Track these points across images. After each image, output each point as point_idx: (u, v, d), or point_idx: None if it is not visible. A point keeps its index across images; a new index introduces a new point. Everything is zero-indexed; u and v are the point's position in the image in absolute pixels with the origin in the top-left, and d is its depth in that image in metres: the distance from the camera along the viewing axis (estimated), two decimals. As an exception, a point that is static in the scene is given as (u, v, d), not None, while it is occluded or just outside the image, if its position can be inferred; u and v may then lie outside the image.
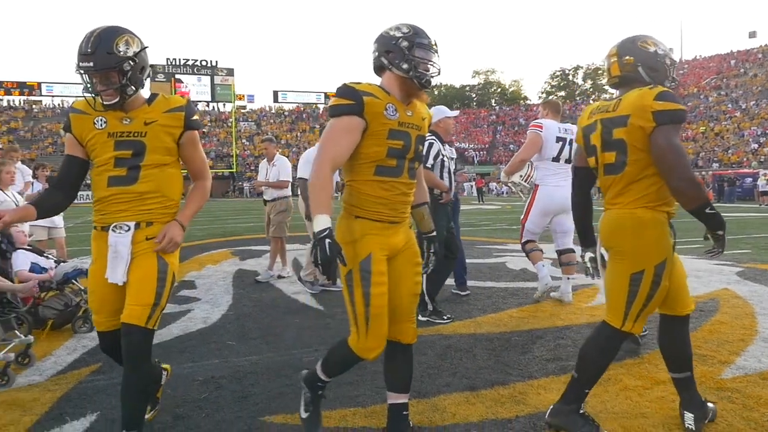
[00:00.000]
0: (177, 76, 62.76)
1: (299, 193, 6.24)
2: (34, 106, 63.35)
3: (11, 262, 4.67)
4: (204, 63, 64.69)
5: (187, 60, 63.96)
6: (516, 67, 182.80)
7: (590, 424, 2.52)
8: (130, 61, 2.24)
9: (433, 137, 4.90)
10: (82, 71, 2.21)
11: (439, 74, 2.35)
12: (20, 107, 62.83)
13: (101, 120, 2.30)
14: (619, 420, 2.75)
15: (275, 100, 71.36)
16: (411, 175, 2.39)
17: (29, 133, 57.61)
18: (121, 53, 2.22)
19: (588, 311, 5.02)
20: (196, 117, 2.45)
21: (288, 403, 3.04)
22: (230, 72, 65.68)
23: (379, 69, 2.40)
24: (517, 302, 5.43)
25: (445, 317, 4.73)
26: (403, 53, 2.28)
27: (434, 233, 2.70)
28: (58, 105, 63.31)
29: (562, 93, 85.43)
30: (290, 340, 4.27)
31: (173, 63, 63.05)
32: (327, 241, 2.07)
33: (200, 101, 64.15)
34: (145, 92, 2.40)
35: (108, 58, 2.19)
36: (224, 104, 66.82)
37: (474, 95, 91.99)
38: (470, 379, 3.34)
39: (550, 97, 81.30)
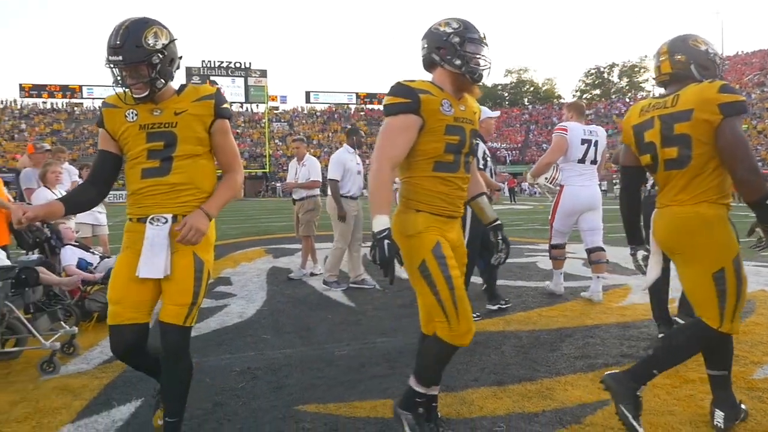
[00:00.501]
0: (212, 78, 63.90)
1: (330, 194, 6.35)
2: (75, 108, 65.40)
3: (60, 257, 4.94)
4: (238, 65, 65.74)
5: (222, 62, 65.14)
6: (549, 65, 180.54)
7: (636, 406, 2.54)
8: (159, 54, 2.20)
9: (477, 138, 4.99)
10: (111, 65, 2.18)
11: (490, 68, 2.36)
12: (63, 109, 64.94)
13: (132, 113, 2.29)
14: (646, 416, 2.76)
15: (307, 100, 72.04)
16: (466, 170, 2.42)
17: (71, 134, 59.54)
18: (150, 46, 2.18)
19: (618, 311, 5.01)
20: (226, 105, 2.38)
21: (320, 393, 3.16)
22: (263, 73, 66.61)
23: (429, 65, 2.41)
24: (546, 301, 5.44)
25: (476, 314, 4.79)
26: (455, 49, 2.29)
27: (498, 221, 2.67)
28: (99, 107, 65.09)
29: (597, 91, 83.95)
30: (323, 335, 4.40)
31: (208, 65, 64.28)
32: (386, 241, 2.10)
33: (234, 102, 65.23)
34: (175, 83, 2.38)
35: (137, 51, 2.15)
36: (257, 105, 67.79)
37: (506, 94, 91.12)
38: (498, 375, 3.40)
39: (585, 96, 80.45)
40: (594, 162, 5.39)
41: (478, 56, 2.32)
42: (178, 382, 2.37)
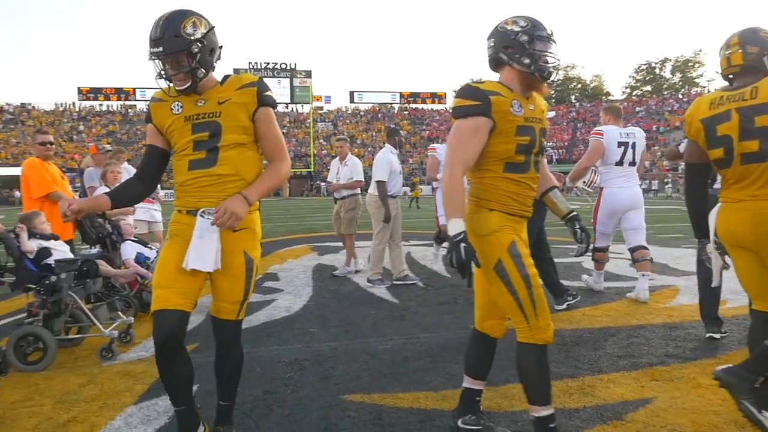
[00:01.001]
0: (258, 79, 65.26)
1: (376, 192, 6.48)
2: (129, 110, 68.04)
3: (120, 252, 5.23)
4: (283, 66, 67.00)
5: (268, 63, 66.48)
6: (597, 61, 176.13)
7: (754, 399, 2.52)
8: (198, 43, 2.21)
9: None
10: (153, 57, 2.20)
11: (559, 65, 2.34)
12: (117, 111, 67.66)
13: (178, 105, 2.31)
14: (689, 415, 2.77)
15: (351, 100, 72.78)
16: (536, 169, 2.40)
17: (125, 135, 61.94)
18: (189, 35, 2.19)
19: (665, 312, 4.93)
20: (269, 93, 2.35)
21: (365, 384, 3.28)
22: (308, 74, 67.63)
23: (497, 65, 2.38)
24: (591, 301, 5.41)
25: None
26: (524, 47, 2.27)
27: (574, 212, 2.62)
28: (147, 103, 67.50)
29: (648, 87, 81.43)
30: (367, 330, 4.53)
31: (254, 66, 65.71)
32: (462, 245, 2.10)
33: (280, 103, 66.42)
34: (219, 75, 2.37)
35: (176, 41, 2.17)
36: (302, 105, 68.92)
37: (553, 92, 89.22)
38: (539, 371, 3.43)
39: (635, 93, 78.13)
40: (632, 164, 5.42)
41: (546, 54, 2.29)
42: (231, 368, 2.52)
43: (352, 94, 72.45)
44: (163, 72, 2.23)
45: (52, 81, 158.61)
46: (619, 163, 5.37)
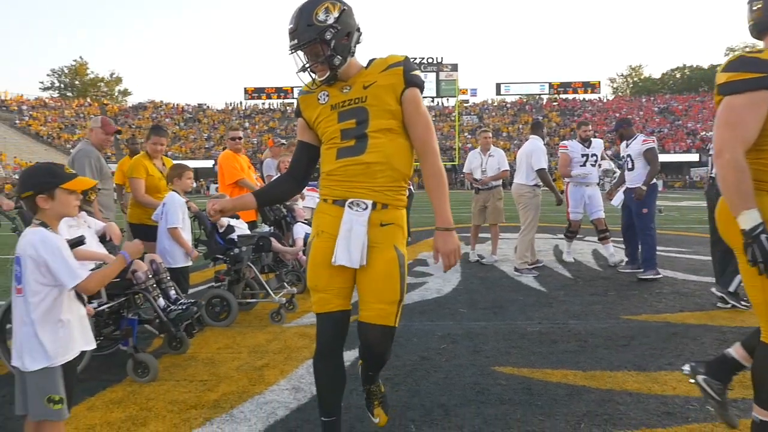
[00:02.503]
0: (406, 75, 66.83)
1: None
2: (288, 107, 73.41)
3: (292, 232, 5.96)
4: (430, 60, 67.84)
5: (415, 58, 67.76)
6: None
7: None
8: (331, 29, 2.10)
9: None
10: (291, 51, 2.15)
11: None
12: (277, 109, 73.35)
13: (324, 95, 2.22)
14: None
15: (498, 92, 71.62)
16: None
17: (284, 130, 66.97)
18: (322, 22, 2.09)
19: None
20: (416, 72, 2.17)
21: (515, 360, 3.49)
22: (454, 67, 67.76)
23: (762, 30, 2.09)
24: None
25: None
26: None
27: None
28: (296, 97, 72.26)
29: None
30: (515, 313, 4.71)
31: (403, 62, 67.40)
32: (763, 236, 1.87)
33: (425, 97, 67.01)
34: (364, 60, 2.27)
35: (308, 30, 2.09)
36: (448, 99, 69.30)
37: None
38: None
39: None
40: None
41: None
42: (377, 364, 2.41)
43: (498, 86, 71.26)
44: (306, 65, 2.18)
45: (224, 83, 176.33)
46: None
